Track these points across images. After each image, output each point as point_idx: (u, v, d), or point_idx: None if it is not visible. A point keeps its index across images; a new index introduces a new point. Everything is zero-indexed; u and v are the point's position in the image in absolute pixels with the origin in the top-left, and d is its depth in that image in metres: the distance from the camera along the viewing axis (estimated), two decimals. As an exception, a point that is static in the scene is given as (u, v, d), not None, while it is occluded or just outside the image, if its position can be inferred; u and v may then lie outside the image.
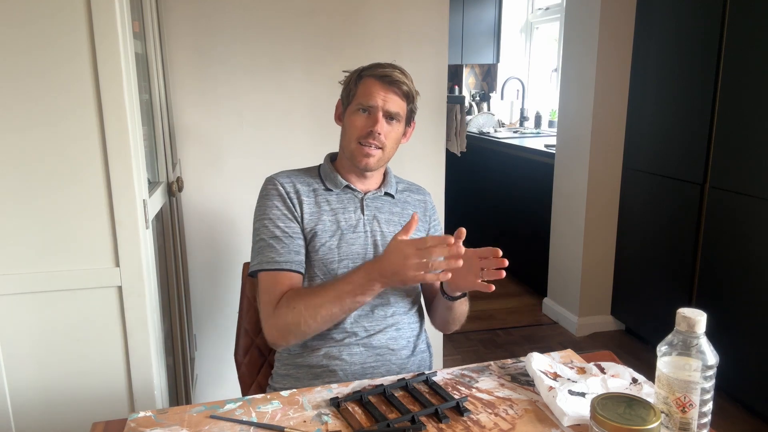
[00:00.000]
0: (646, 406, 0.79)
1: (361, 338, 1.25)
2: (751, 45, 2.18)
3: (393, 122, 1.28)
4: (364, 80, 1.29)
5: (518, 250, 3.77)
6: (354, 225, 1.31)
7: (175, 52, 1.92)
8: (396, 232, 1.29)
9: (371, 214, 1.33)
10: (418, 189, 1.46)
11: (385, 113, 1.27)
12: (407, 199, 1.41)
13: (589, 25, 2.84)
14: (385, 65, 1.29)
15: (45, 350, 1.25)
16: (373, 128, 1.25)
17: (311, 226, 1.28)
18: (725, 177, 2.33)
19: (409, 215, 1.37)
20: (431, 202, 1.46)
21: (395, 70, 1.28)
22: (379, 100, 1.26)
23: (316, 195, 1.32)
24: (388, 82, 1.27)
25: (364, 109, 1.27)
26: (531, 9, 4.97)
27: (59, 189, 1.19)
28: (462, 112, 3.75)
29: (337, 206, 1.32)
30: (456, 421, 0.95)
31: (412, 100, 1.32)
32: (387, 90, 1.27)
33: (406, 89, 1.29)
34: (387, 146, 1.29)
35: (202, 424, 0.93)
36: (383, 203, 1.36)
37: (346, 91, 1.32)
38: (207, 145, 2.01)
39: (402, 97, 1.29)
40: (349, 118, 1.30)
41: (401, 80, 1.27)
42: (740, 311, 2.28)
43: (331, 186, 1.33)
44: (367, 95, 1.27)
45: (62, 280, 1.22)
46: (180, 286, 1.82)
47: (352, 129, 1.29)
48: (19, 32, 1.13)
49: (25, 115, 1.16)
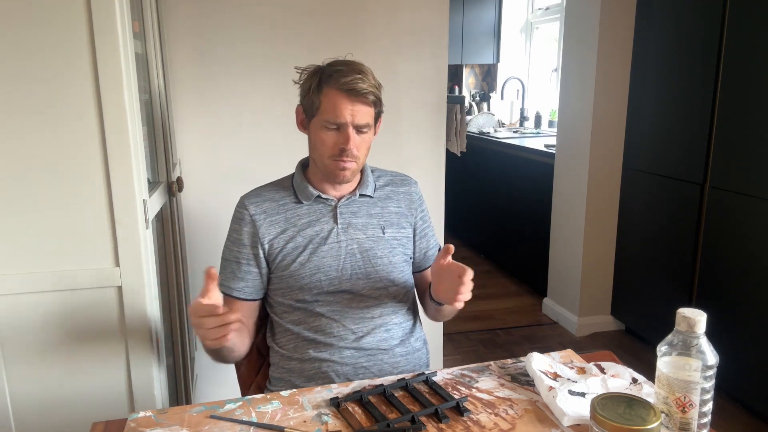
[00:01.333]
0: (646, 406, 0.79)
1: (350, 341, 1.25)
2: (751, 45, 2.18)
3: (364, 131, 1.23)
4: (327, 92, 1.21)
5: (518, 250, 3.77)
6: (326, 237, 1.27)
7: (175, 52, 1.92)
8: (375, 236, 1.30)
9: (345, 222, 1.29)
10: (402, 180, 1.41)
11: (356, 126, 1.21)
12: (390, 195, 1.36)
13: (589, 25, 2.84)
14: (347, 70, 1.20)
15: (45, 350, 1.25)
16: (346, 146, 1.20)
17: (281, 245, 1.26)
18: (725, 177, 2.33)
19: (392, 213, 1.34)
20: (417, 192, 1.40)
21: (357, 78, 1.19)
22: (347, 115, 1.19)
23: (286, 210, 1.29)
24: (354, 95, 1.19)
25: (333, 124, 1.21)
26: (531, 9, 4.97)
27: (59, 189, 1.19)
28: (462, 112, 3.75)
29: (307, 219, 1.28)
30: (456, 421, 0.95)
31: (379, 102, 1.26)
32: (353, 102, 1.19)
33: (372, 98, 1.22)
34: (360, 156, 1.25)
35: (202, 424, 0.93)
36: (359, 206, 1.32)
37: (308, 100, 1.24)
38: (207, 145, 2.01)
39: (369, 105, 1.22)
40: (317, 133, 1.24)
41: (366, 90, 1.20)
42: (740, 311, 2.28)
43: (303, 198, 1.29)
44: (332, 111, 1.20)
45: (62, 280, 1.22)
46: (180, 286, 1.82)
47: (322, 146, 1.23)
48: (19, 32, 1.13)
49: (25, 115, 1.16)
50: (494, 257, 4.13)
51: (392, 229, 1.33)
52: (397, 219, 1.34)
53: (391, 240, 1.32)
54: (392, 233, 1.32)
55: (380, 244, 1.30)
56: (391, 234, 1.32)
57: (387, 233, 1.32)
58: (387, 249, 1.31)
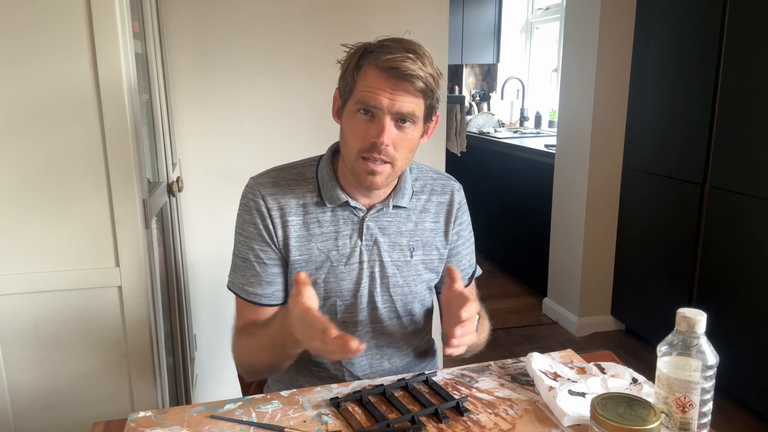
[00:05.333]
0: (646, 406, 0.79)
1: (358, 369, 1.17)
2: (751, 45, 2.18)
3: (406, 125, 1.00)
4: (365, 70, 0.98)
5: (518, 250, 3.77)
6: (348, 254, 1.09)
7: (175, 52, 1.92)
8: (400, 260, 1.11)
9: (371, 239, 1.10)
10: (443, 186, 1.18)
11: (395, 115, 0.98)
12: (426, 207, 1.15)
13: (589, 25, 2.84)
14: (394, 47, 0.97)
15: (45, 350, 1.25)
16: (378, 139, 0.97)
17: (296, 255, 1.08)
18: (725, 177, 2.33)
19: (426, 231, 1.14)
20: (459, 201, 1.19)
21: (407, 56, 0.95)
22: (384, 100, 0.96)
23: (306, 213, 1.09)
24: (396, 76, 0.95)
25: (366, 110, 0.98)
26: (531, 9, 4.97)
27: (59, 189, 1.19)
28: (462, 112, 3.75)
29: (329, 229, 1.09)
30: (456, 421, 0.95)
31: (432, 93, 1.00)
32: (395, 86, 0.96)
33: (421, 85, 0.97)
34: (398, 158, 1.01)
35: (202, 424, 0.93)
36: (390, 220, 1.11)
37: (344, 81, 1.03)
38: (207, 145, 2.01)
39: (417, 94, 0.98)
40: (348, 119, 1.02)
41: (414, 73, 0.95)
42: (740, 311, 2.28)
43: (328, 200, 1.08)
44: (368, 91, 0.97)
45: (62, 280, 1.22)
46: (180, 286, 1.82)
47: (351, 137, 1.01)
48: (19, 32, 1.13)
49: (25, 115, 1.16)
50: (494, 257, 4.12)
51: (422, 252, 1.14)
52: (431, 238, 1.15)
53: (418, 265, 1.14)
54: (421, 257, 1.14)
55: (404, 271, 1.13)
56: (420, 258, 1.14)
57: (415, 256, 1.14)
58: (411, 276, 1.14)
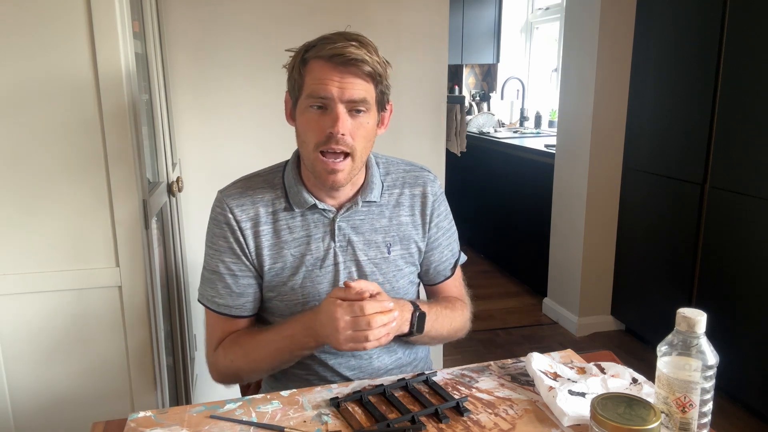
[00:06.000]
0: (646, 406, 0.79)
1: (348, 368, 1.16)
2: (751, 45, 2.18)
3: (360, 114, 0.99)
4: (311, 64, 0.98)
5: (518, 250, 3.77)
6: (322, 257, 1.09)
7: (175, 52, 1.92)
8: (377, 257, 1.11)
9: (344, 239, 1.09)
10: (416, 178, 1.16)
11: (348, 104, 0.97)
12: (400, 200, 1.14)
13: (589, 25, 2.84)
14: (335, 38, 0.97)
15: (45, 350, 1.25)
16: (333, 129, 0.97)
17: (270, 263, 1.09)
18: (725, 177, 2.33)
19: (402, 225, 1.13)
20: (433, 192, 1.17)
21: (350, 44, 0.96)
22: (333, 89, 0.96)
23: (276, 220, 1.08)
24: (341, 63, 0.95)
25: (318, 105, 0.98)
26: (531, 9, 4.97)
27: (59, 189, 1.19)
28: (462, 112, 3.75)
29: (300, 234, 1.08)
30: (456, 421, 0.95)
31: (381, 78, 1.01)
32: (343, 73, 0.96)
33: (368, 69, 0.97)
34: (357, 148, 1.00)
35: (202, 424, 0.93)
36: (363, 218, 1.11)
37: (291, 80, 1.03)
38: (207, 145, 2.01)
39: (365, 78, 0.98)
40: (301, 116, 1.01)
41: (360, 57, 0.95)
42: (740, 311, 2.28)
43: (296, 205, 1.08)
44: (316, 84, 0.97)
45: (62, 280, 1.22)
46: (180, 286, 1.82)
47: (306, 133, 1.00)
48: (19, 32, 1.13)
49: (25, 115, 1.16)
50: (494, 257, 4.12)
51: (399, 246, 1.14)
52: (408, 231, 1.14)
53: (397, 260, 1.14)
54: (399, 251, 1.14)
55: (383, 268, 1.12)
56: (398, 253, 1.14)
57: (393, 252, 1.13)
58: (391, 272, 1.13)
